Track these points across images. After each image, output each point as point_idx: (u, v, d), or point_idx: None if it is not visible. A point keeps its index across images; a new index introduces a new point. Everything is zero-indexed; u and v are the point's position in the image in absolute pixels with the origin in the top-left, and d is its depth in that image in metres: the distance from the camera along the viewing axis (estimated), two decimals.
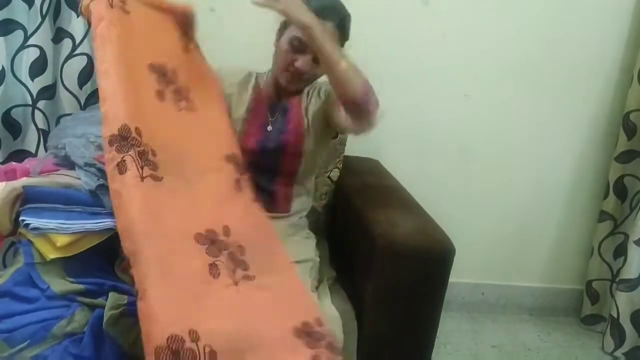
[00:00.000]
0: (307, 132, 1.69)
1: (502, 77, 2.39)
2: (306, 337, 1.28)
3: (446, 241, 1.57)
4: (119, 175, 1.26)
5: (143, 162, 1.31)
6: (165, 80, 1.51)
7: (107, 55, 1.39)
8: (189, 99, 1.56)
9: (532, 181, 2.54)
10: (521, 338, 2.47)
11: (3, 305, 1.25)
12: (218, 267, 1.29)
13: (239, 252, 1.37)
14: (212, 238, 1.34)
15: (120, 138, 1.29)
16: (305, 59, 1.58)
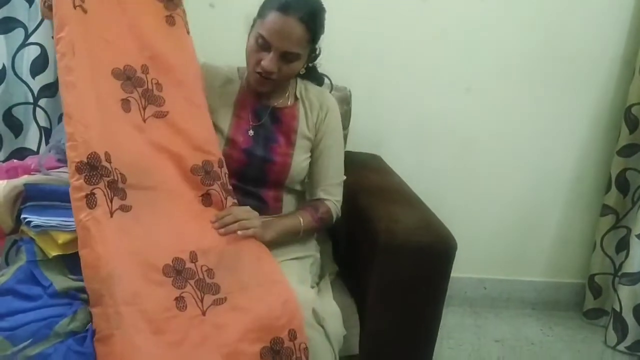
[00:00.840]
0: (297, 151, 1.67)
1: (504, 71, 2.39)
2: (271, 356, 1.29)
3: (448, 236, 1.57)
4: (88, 209, 1.24)
5: (113, 192, 1.30)
6: (131, 85, 1.44)
7: (74, 64, 1.32)
8: (160, 100, 1.49)
9: (534, 175, 2.54)
10: (524, 332, 2.48)
11: (5, 303, 1.25)
12: (185, 300, 1.29)
13: (208, 276, 1.36)
14: (178, 268, 1.33)
15: (89, 167, 1.27)
16: (271, 57, 1.52)
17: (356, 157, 2.17)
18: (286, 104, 1.70)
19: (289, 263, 1.56)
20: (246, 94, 1.70)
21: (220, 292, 1.35)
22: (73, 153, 1.27)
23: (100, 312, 1.18)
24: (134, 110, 1.44)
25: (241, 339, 1.27)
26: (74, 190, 1.26)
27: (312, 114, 1.70)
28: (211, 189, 1.52)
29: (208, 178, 1.52)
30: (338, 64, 2.14)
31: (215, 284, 1.36)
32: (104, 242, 1.23)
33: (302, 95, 1.72)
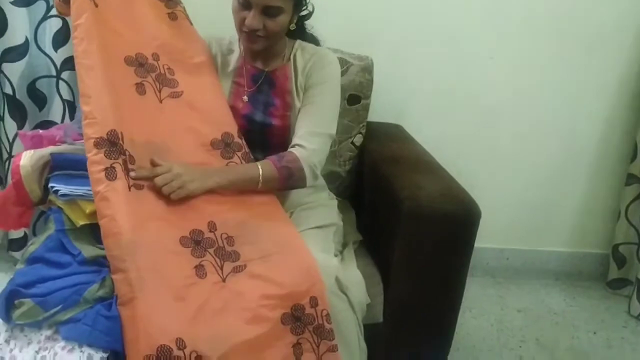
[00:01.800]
0: (294, 112, 1.65)
1: (528, 38, 2.34)
2: (293, 322, 1.30)
3: (472, 204, 1.56)
4: (107, 180, 1.27)
5: (127, 170, 1.32)
6: (144, 70, 1.49)
7: (92, 48, 1.38)
8: (173, 82, 1.55)
9: (559, 144, 2.50)
10: (547, 302, 2.47)
11: (36, 270, 1.28)
12: (204, 268, 1.31)
13: (228, 244, 1.38)
14: (196, 239, 1.35)
15: (109, 143, 1.30)
16: (252, 14, 1.50)
17: (378, 127, 2.16)
18: (279, 65, 1.69)
19: (311, 232, 1.56)
20: (244, 62, 1.70)
21: (240, 259, 1.37)
22: (91, 130, 1.30)
23: (122, 278, 1.21)
24: (149, 92, 1.49)
25: (262, 304, 1.28)
26: (93, 164, 1.28)
27: (302, 73, 1.66)
28: (231, 162, 1.55)
29: (228, 150, 1.55)
30: (360, 33, 2.14)
31: (235, 251, 1.37)
32: (123, 211, 1.26)
33: (296, 56, 1.69)
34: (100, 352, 1.18)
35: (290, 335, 1.30)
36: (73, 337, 1.18)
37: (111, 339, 1.18)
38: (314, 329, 1.32)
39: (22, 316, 1.19)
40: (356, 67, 1.98)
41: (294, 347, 1.30)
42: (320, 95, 1.63)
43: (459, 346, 2.06)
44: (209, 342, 1.19)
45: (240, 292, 1.29)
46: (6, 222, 1.50)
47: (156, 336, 1.15)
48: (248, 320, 1.25)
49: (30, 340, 1.21)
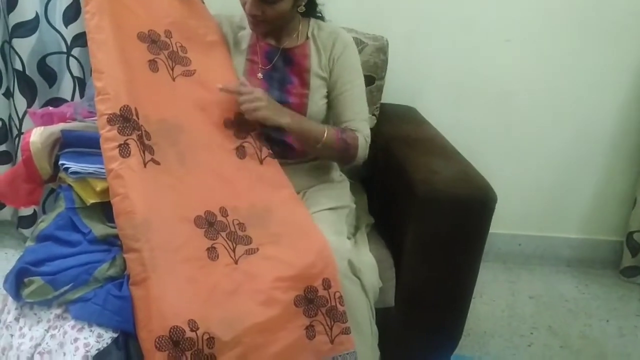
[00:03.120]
0: (312, 90, 1.63)
1: (546, 22, 2.29)
2: (306, 304, 1.30)
3: (488, 189, 1.54)
4: (121, 158, 1.25)
5: (143, 147, 1.30)
6: (157, 47, 1.47)
7: (105, 23, 1.36)
8: (186, 61, 1.53)
9: (574, 129, 2.46)
10: (559, 289, 2.44)
11: (46, 248, 1.27)
12: (216, 250, 1.30)
13: (240, 229, 1.37)
14: (210, 220, 1.34)
15: (122, 119, 1.28)
16: (251, 1, 1.49)
17: (391, 108, 2.13)
18: (296, 43, 1.66)
19: (324, 214, 1.55)
20: (257, 39, 1.67)
21: (252, 243, 1.36)
22: (104, 106, 1.28)
23: (135, 257, 1.19)
24: (162, 70, 1.47)
25: (274, 286, 1.27)
26: (106, 141, 1.26)
27: (325, 52, 1.64)
28: (245, 142, 1.53)
29: (242, 130, 1.53)
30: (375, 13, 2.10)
31: (247, 236, 1.36)
32: (138, 189, 1.24)
33: (314, 34, 1.66)
34: (110, 331, 1.17)
35: (303, 318, 1.29)
36: (83, 316, 1.17)
37: (121, 318, 1.18)
38: (327, 311, 1.31)
39: (31, 294, 1.19)
40: (371, 47, 1.94)
41: (306, 329, 1.29)
42: (354, 80, 1.65)
43: (470, 332, 2.04)
44: (221, 323, 1.18)
45: (252, 274, 1.28)
46: (16, 199, 1.48)
47: (169, 317, 1.14)
48: (260, 302, 1.24)
49: (40, 319, 1.21)
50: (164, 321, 1.14)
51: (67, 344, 1.15)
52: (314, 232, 1.41)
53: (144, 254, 1.19)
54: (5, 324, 1.24)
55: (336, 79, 1.64)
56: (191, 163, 1.40)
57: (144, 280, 1.18)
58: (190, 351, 1.14)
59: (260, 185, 1.49)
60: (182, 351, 1.13)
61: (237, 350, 1.19)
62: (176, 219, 1.29)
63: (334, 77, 1.64)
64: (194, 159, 1.42)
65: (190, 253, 1.26)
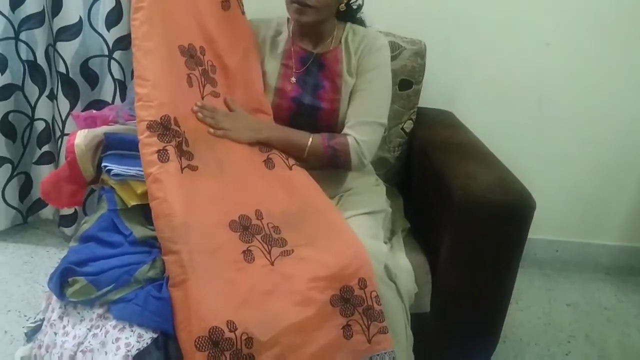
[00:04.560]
0: (343, 95, 1.63)
1: (587, 25, 2.25)
2: (342, 303, 1.30)
3: (527, 195, 1.52)
4: (160, 162, 1.27)
5: (180, 153, 1.32)
6: (193, 63, 1.49)
7: (153, 33, 1.37)
8: (214, 82, 1.54)
9: (616, 135, 2.41)
10: (597, 297, 2.40)
11: (89, 249, 1.29)
12: (252, 253, 1.30)
13: (274, 232, 1.37)
14: (244, 224, 1.34)
15: (162, 127, 1.30)
16: None
17: (428, 112, 2.12)
18: (329, 48, 1.67)
19: (360, 218, 1.55)
20: (292, 43, 1.68)
21: (287, 245, 1.36)
22: (145, 112, 1.31)
23: (174, 259, 1.21)
24: (195, 86, 1.48)
25: (310, 287, 1.28)
26: (145, 146, 1.29)
27: (355, 55, 1.64)
28: (271, 154, 1.55)
29: (265, 147, 1.55)
30: (413, 17, 2.10)
31: (282, 238, 1.37)
32: (176, 193, 1.26)
33: (348, 40, 1.67)
34: (151, 332, 1.18)
35: (340, 317, 1.29)
36: (124, 317, 1.19)
37: (161, 319, 1.19)
38: (364, 310, 1.31)
39: (75, 294, 1.21)
40: (408, 51, 1.93)
41: (343, 328, 1.29)
42: (370, 82, 1.62)
43: (505, 339, 2.02)
44: (259, 324, 1.19)
45: (288, 275, 1.29)
46: (59, 200, 1.52)
47: (208, 318, 1.16)
48: (297, 303, 1.25)
49: (83, 318, 1.23)
50: (203, 322, 1.15)
51: (109, 343, 1.17)
52: (349, 234, 1.41)
53: (182, 256, 1.21)
54: (49, 322, 1.27)
55: (356, 79, 1.63)
56: (227, 168, 1.42)
57: (183, 282, 1.19)
58: (230, 351, 1.15)
59: (293, 190, 1.50)
60: (222, 351, 1.14)
61: (275, 350, 1.20)
62: (212, 222, 1.30)
63: (356, 78, 1.63)
64: (230, 164, 1.44)
65: (227, 256, 1.27)
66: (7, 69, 2.06)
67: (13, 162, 2.20)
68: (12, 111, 2.13)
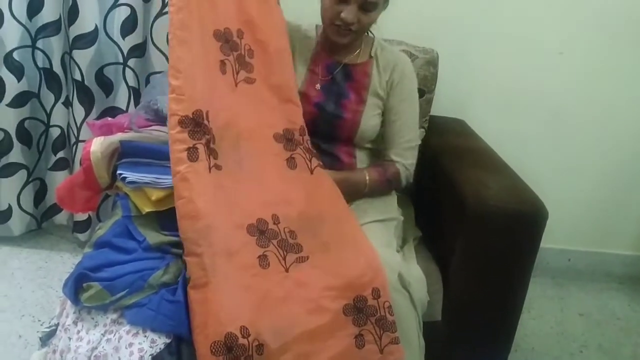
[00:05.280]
0: (367, 108, 1.65)
1: (600, 34, 2.25)
2: (355, 313, 1.29)
3: (539, 204, 1.52)
4: (189, 161, 1.25)
5: (209, 151, 1.30)
6: (228, 48, 1.45)
7: (190, 20, 1.34)
8: (250, 67, 1.50)
9: (629, 144, 2.40)
10: (610, 307, 2.38)
11: (103, 255, 1.31)
12: (267, 258, 1.30)
13: (290, 237, 1.37)
14: (261, 228, 1.34)
15: (194, 123, 1.28)
16: (350, 9, 1.51)
17: (440, 121, 2.12)
18: (357, 60, 1.69)
19: (372, 226, 1.55)
20: (321, 50, 1.70)
21: (303, 251, 1.36)
22: (177, 106, 1.27)
23: (197, 261, 1.21)
24: (228, 73, 1.45)
25: (323, 295, 1.28)
26: (175, 142, 1.26)
27: (385, 73, 1.67)
28: (294, 154, 1.52)
29: (290, 145, 1.53)
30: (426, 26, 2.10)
31: (297, 244, 1.37)
32: (203, 194, 1.25)
33: (377, 54, 1.69)
34: (164, 337, 1.20)
35: (352, 327, 1.29)
36: (138, 322, 1.20)
37: (175, 322, 1.20)
38: (377, 320, 1.31)
39: (89, 299, 1.22)
40: (421, 60, 1.94)
41: (355, 338, 1.29)
42: (408, 108, 1.70)
43: (517, 348, 2.01)
44: (271, 331, 1.19)
45: (302, 283, 1.29)
46: (74, 205, 1.54)
47: (225, 323, 1.16)
48: (310, 311, 1.26)
49: (97, 323, 1.24)
50: (220, 327, 1.16)
51: (122, 348, 1.18)
52: (364, 242, 1.41)
53: (205, 259, 1.21)
54: (63, 327, 1.28)
55: (390, 107, 1.68)
56: (248, 169, 1.41)
57: (204, 285, 1.20)
58: (242, 357, 1.15)
59: (312, 194, 1.48)
60: (236, 357, 1.15)
61: (286, 357, 1.20)
62: (233, 225, 1.30)
63: (389, 104, 1.68)
64: (251, 165, 1.42)
65: (244, 260, 1.27)
66: (24, 76, 2.08)
67: (28, 168, 2.23)
68: (28, 118, 2.16)
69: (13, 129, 2.14)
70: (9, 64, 2.04)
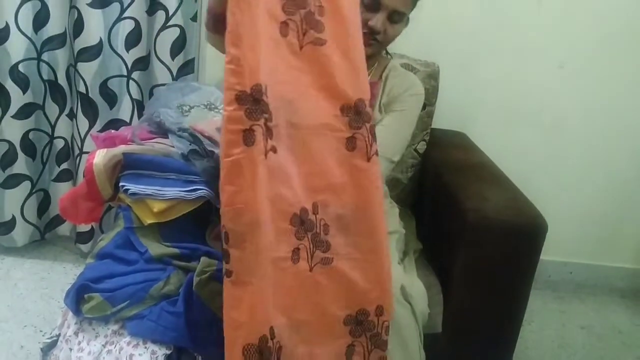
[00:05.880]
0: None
1: (601, 47, 2.26)
2: (353, 325, 1.27)
3: (538, 217, 1.52)
4: (244, 145, 1.12)
5: (267, 133, 1.17)
6: (293, 5, 1.24)
7: None
8: (320, 26, 1.28)
9: (631, 157, 2.41)
10: (612, 320, 2.38)
11: (105, 266, 1.32)
12: (299, 252, 1.23)
13: (323, 232, 1.29)
14: (303, 218, 1.25)
15: (252, 100, 1.13)
16: (378, 17, 1.51)
17: (441, 134, 2.13)
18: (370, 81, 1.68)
19: None
20: None
21: (329, 252, 1.28)
22: (235, 79, 1.13)
23: (240, 256, 1.13)
24: (291, 34, 1.26)
25: (333, 301, 1.26)
26: (231, 121, 1.12)
27: (389, 97, 1.66)
28: (357, 133, 1.32)
29: (357, 120, 1.31)
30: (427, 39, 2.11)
31: (327, 242, 1.28)
32: (254, 186, 1.14)
33: (388, 76, 1.68)
34: (164, 348, 1.20)
35: (348, 336, 1.27)
36: (138, 333, 1.22)
37: (175, 334, 1.22)
38: (372, 336, 1.30)
39: (91, 310, 1.23)
40: (422, 73, 1.95)
41: (347, 347, 1.27)
42: (392, 120, 1.63)
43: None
44: (287, 332, 1.18)
45: (319, 286, 1.25)
46: (77, 216, 1.55)
47: (260, 326, 1.13)
48: (318, 315, 1.24)
49: (98, 334, 1.25)
50: (255, 330, 1.12)
51: (123, 359, 1.19)
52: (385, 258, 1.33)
53: (248, 256, 1.13)
54: (65, 338, 1.29)
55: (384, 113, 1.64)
56: (298, 149, 1.27)
57: (244, 284, 1.13)
58: None
59: (359, 185, 1.33)
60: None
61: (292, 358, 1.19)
62: (278, 216, 1.21)
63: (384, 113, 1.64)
64: (301, 145, 1.28)
65: (280, 253, 1.20)
66: (29, 88, 2.10)
67: (32, 179, 2.24)
68: (32, 129, 2.17)
69: (18, 140, 2.16)
70: (15, 76, 2.06)
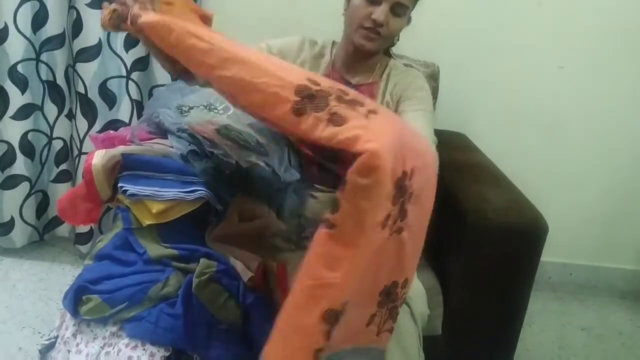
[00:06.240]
0: None
1: (600, 48, 2.26)
2: (384, 296, 1.22)
3: (539, 218, 1.52)
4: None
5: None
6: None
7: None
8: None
9: (631, 158, 2.41)
10: (612, 321, 2.37)
11: (104, 267, 1.31)
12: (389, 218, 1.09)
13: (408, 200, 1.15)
14: (401, 183, 1.08)
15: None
16: (381, 9, 1.49)
17: (441, 135, 2.10)
18: (367, 81, 1.67)
19: None
20: (332, 71, 1.68)
21: (404, 221, 1.17)
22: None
23: (352, 212, 1.02)
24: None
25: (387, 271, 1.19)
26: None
27: (391, 95, 1.65)
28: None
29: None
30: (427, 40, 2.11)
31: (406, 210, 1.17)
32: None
33: (389, 75, 1.67)
34: (163, 350, 1.20)
35: (375, 307, 1.21)
36: (137, 335, 1.20)
37: (174, 335, 1.20)
38: (392, 308, 1.26)
39: (89, 312, 1.23)
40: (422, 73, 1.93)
41: (370, 317, 1.22)
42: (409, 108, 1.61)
43: None
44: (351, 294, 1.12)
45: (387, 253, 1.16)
46: (76, 217, 1.54)
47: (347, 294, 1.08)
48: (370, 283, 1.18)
49: (96, 336, 1.24)
50: (346, 292, 1.07)
51: None
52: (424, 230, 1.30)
53: (361, 215, 1.03)
54: (63, 340, 1.28)
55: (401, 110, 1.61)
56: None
57: (348, 245, 1.04)
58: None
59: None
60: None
61: None
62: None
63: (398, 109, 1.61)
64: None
65: (378, 216, 1.08)
66: (28, 89, 2.10)
67: (31, 180, 2.23)
68: (31, 130, 2.17)
69: (16, 141, 2.15)
70: (13, 76, 2.06)
